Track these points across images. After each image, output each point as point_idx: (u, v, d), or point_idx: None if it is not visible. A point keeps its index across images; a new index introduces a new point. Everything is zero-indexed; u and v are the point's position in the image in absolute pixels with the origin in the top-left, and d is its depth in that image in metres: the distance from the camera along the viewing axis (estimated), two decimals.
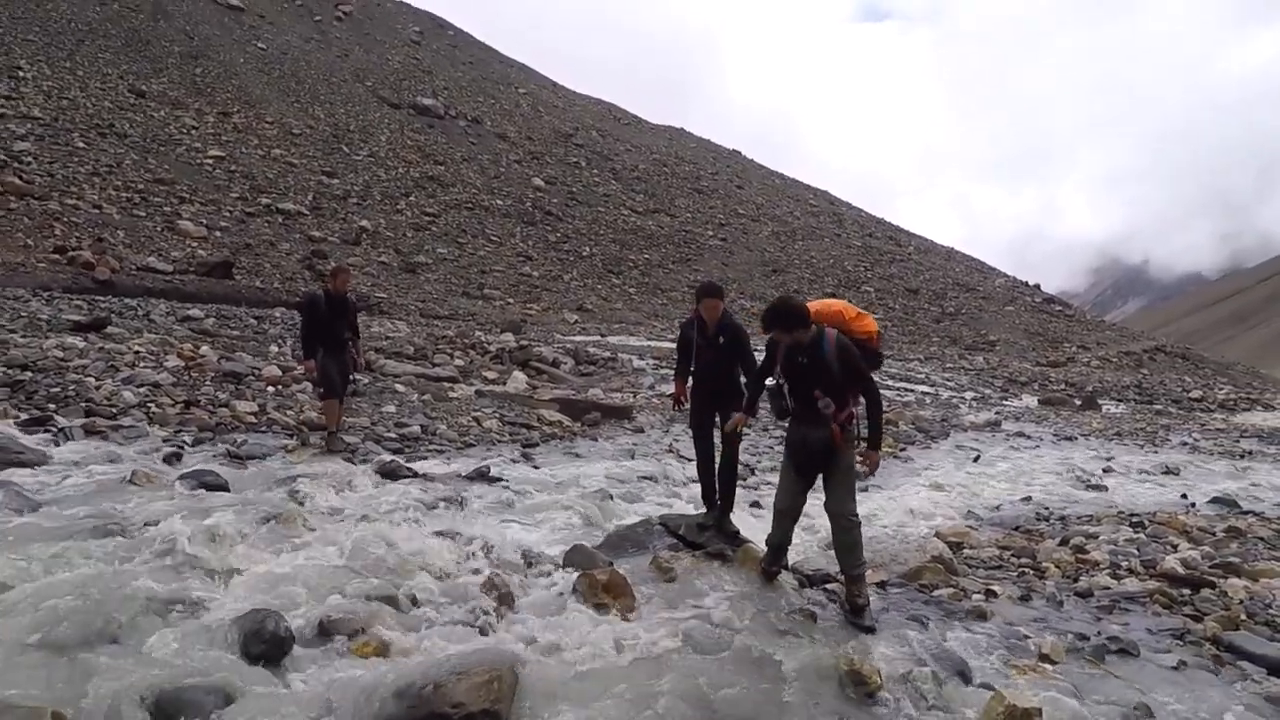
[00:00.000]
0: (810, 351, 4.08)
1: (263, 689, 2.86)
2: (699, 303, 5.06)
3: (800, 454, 4.25)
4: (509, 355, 16.87)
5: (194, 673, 2.87)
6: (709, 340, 5.02)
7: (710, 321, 4.99)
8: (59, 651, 2.95)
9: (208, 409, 8.05)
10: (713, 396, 5.14)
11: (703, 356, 5.05)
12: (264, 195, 33.36)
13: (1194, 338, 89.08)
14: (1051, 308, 51.10)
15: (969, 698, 3.25)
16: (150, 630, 3.15)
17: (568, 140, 54.82)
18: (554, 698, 2.99)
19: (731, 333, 5.02)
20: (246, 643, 3.08)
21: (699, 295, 5.09)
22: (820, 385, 4.06)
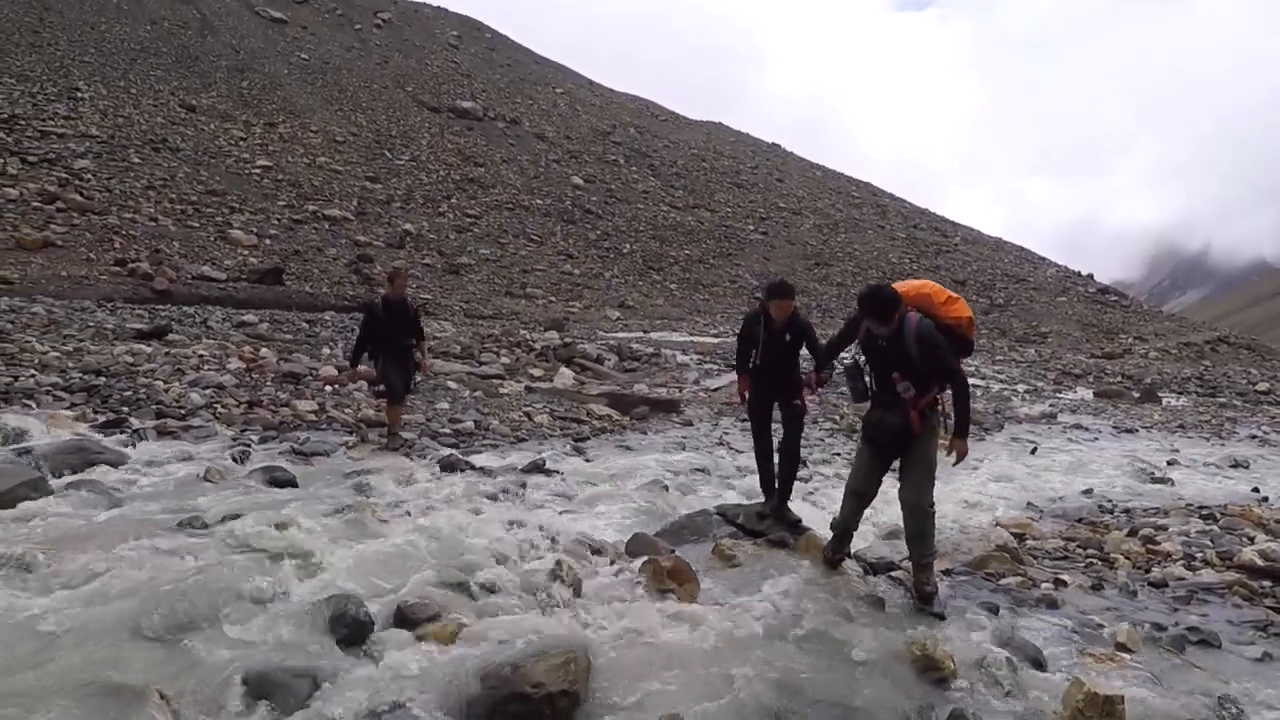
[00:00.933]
0: (893, 334, 4.00)
1: (348, 671, 2.96)
2: (768, 301, 5.05)
3: (876, 436, 4.17)
4: (553, 353, 17.02)
5: (283, 656, 2.98)
6: (774, 336, 5.04)
7: (779, 319, 5.02)
8: (156, 637, 3.08)
9: (270, 409, 8.30)
10: (773, 389, 5.16)
11: (767, 351, 5.07)
12: (310, 202, 34.15)
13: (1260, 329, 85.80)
14: (1106, 298, 49.69)
15: (1046, 685, 3.21)
16: (238, 617, 3.28)
17: (606, 138, 55.00)
18: (627, 679, 3.03)
19: (798, 329, 5.06)
20: (330, 627, 3.18)
21: (768, 294, 5.10)
22: (899, 369, 3.98)
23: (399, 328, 7.14)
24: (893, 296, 3.98)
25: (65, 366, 8.98)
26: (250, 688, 2.73)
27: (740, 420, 11.48)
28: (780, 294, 5.04)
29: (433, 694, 2.78)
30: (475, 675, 2.79)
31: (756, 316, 5.14)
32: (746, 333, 5.22)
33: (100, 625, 3.15)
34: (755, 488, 7.44)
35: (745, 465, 8.39)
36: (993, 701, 3.09)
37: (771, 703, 2.94)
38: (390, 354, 7.14)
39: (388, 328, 7.10)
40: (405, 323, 7.19)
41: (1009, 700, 3.09)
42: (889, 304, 3.95)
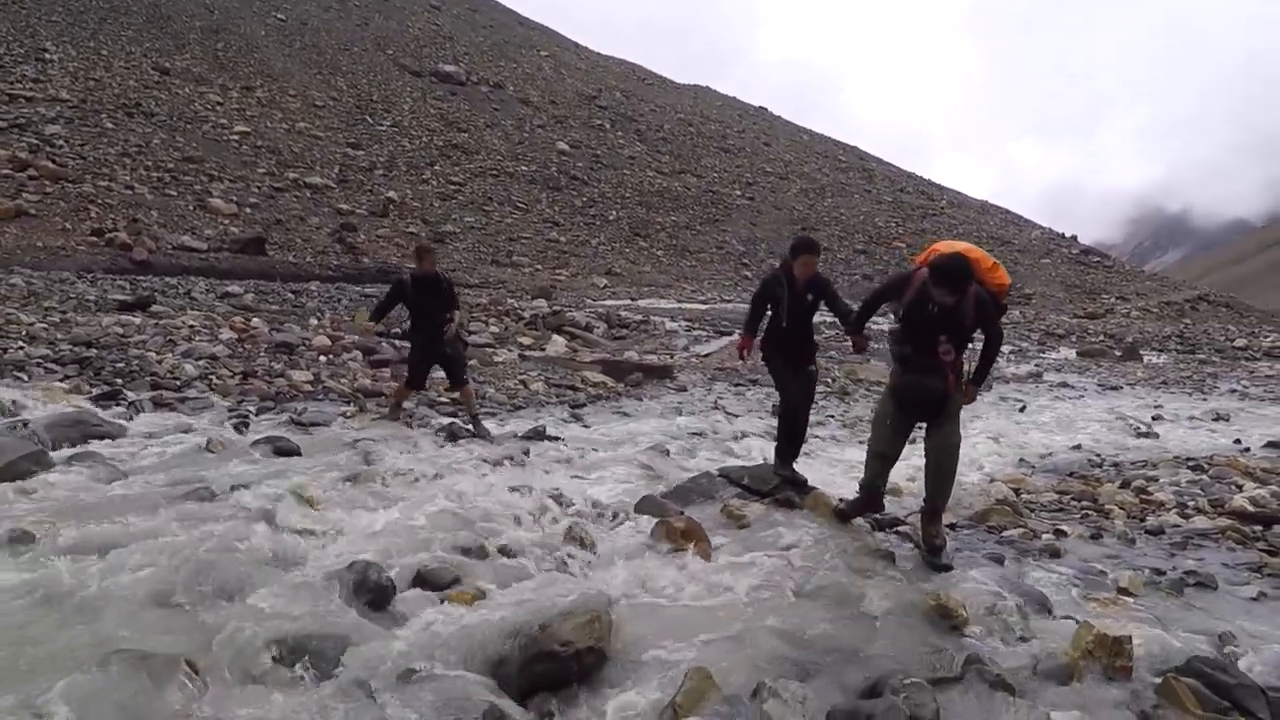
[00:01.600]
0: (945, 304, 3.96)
1: (375, 635, 2.98)
2: (794, 258, 4.96)
3: (913, 400, 4.16)
4: (542, 321, 16.98)
5: (307, 621, 3.00)
6: (797, 296, 4.97)
7: (802, 279, 4.95)
8: (178, 607, 3.09)
9: (265, 379, 8.25)
10: (792, 350, 5.12)
11: (790, 312, 4.99)
12: (291, 170, 33.60)
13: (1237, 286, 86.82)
14: (1089, 259, 50.06)
15: (1055, 629, 3.30)
16: (259, 584, 3.28)
17: (591, 103, 54.30)
18: (650, 636, 3.08)
19: (820, 288, 5.03)
20: (353, 593, 3.20)
21: (795, 250, 4.99)
22: (948, 334, 3.99)
23: (431, 303, 6.86)
24: (970, 269, 3.95)
25: (54, 338, 8.87)
26: (279, 654, 2.74)
27: (734, 385, 11.55)
28: (808, 249, 4.97)
29: (461, 654, 2.82)
30: (503, 635, 2.83)
31: (777, 278, 5.05)
32: (765, 293, 5.12)
33: (120, 596, 3.15)
34: (756, 450, 7.56)
35: (742, 429, 8.47)
36: (1006, 646, 3.18)
37: (791, 654, 3.01)
38: (421, 329, 6.90)
39: (418, 304, 6.86)
40: (438, 297, 6.90)
41: (1021, 645, 3.18)
42: (967, 277, 3.93)
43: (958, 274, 3.90)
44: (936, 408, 4.13)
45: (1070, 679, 2.97)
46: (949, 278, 3.89)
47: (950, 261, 3.94)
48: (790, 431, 5.29)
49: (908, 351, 4.13)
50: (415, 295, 6.85)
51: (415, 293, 6.84)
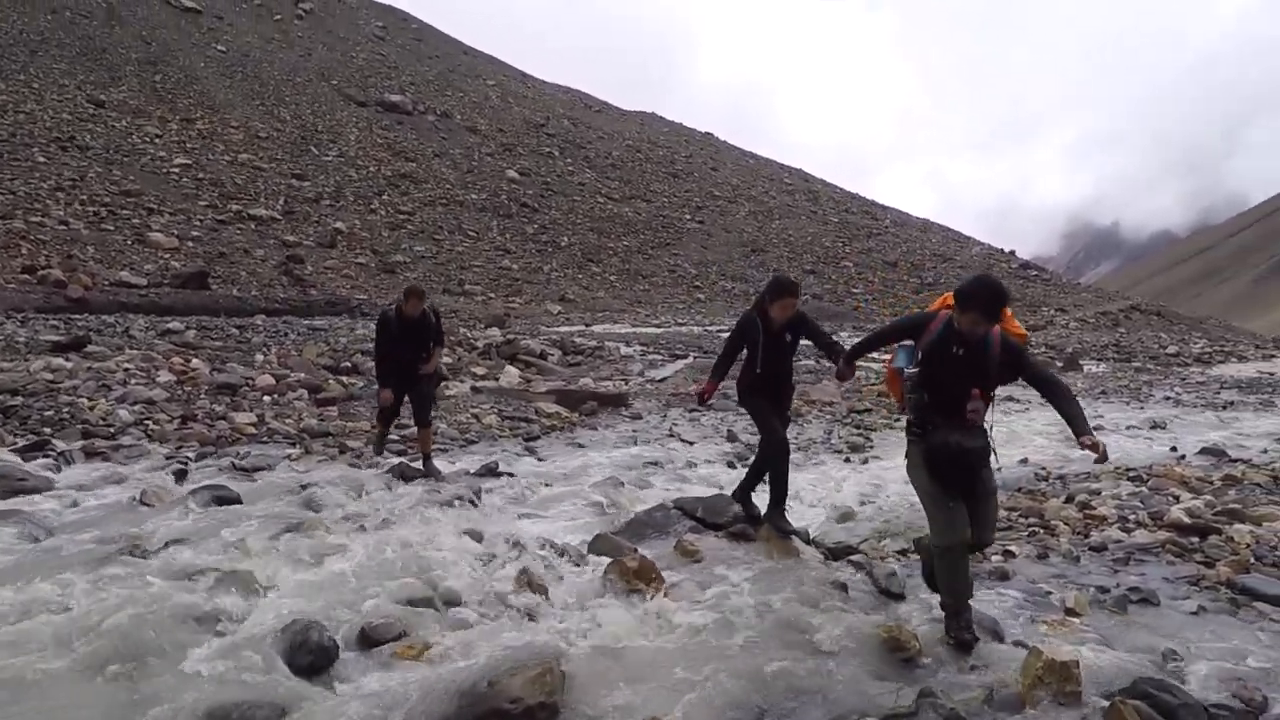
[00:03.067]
0: (972, 343, 3.35)
1: (315, 699, 2.86)
2: (772, 301, 4.56)
3: (948, 465, 3.41)
4: (496, 350, 16.83)
5: (244, 688, 2.87)
6: (774, 339, 4.64)
7: (779, 320, 4.61)
8: (106, 675, 2.93)
9: (205, 423, 7.98)
10: (772, 393, 4.81)
11: (767, 356, 4.66)
12: (234, 202, 32.92)
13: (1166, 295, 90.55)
14: (1028, 273, 51.72)
15: (1005, 655, 3.33)
16: (192, 648, 3.14)
17: (539, 130, 54.50)
18: (604, 685, 3.02)
19: (799, 326, 4.70)
20: (292, 654, 3.08)
21: (773, 293, 4.59)
22: (977, 383, 3.39)
23: (409, 345, 6.63)
24: (1006, 293, 3.34)
25: None
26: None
27: (689, 411, 11.56)
28: (786, 292, 4.57)
29: (406, 717, 2.72)
30: (450, 694, 2.74)
31: (752, 320, 4.67)
32: (739, 337, 4.79)
33: (44, 668, 2.98)
34: (712, 476, 7.56)
35: (698, 456, 8.46)
36: (958, 676, 3.19)
37: (748, 697, 2.97)
38: (401, 372, 6.65)
39: (401, 339, 6.60)
40: (422, 334, 6.67)
41: (973, 674, 3.20)
42: (1002, 300, 3.31)
43: (994, 296, 3.29)
44: (973, 475, 3.45)
45: (1022, 707, 2.99)
46: (982, 301, 3.27)
47: (983, 282, 3.36)
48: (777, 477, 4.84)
49: (924, 401, 3.50)
50: (399, 333, 6.62)
51: (399, 330, 6.62)
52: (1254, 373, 21.83)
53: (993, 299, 3.29)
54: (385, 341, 6.61)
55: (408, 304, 6.62)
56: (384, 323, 6.64)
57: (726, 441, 9.36)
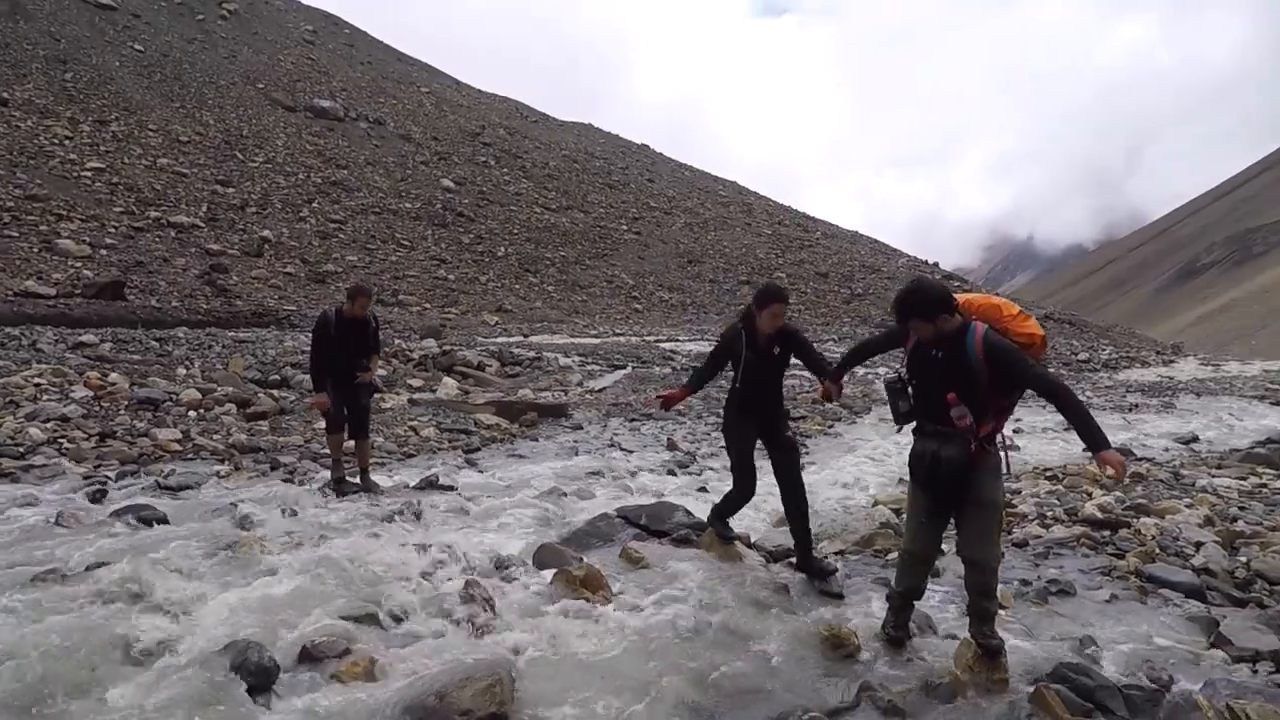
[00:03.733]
0: (950, 345, 3.24)
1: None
2: (760, 308, 4.21)
3: (926, 475, 3.33)
4: (432, 361, 16.58)
5: (181, 715, 2.78)
6: (760, 352, 4.26)
7: (768, 332, 4.24)
8: (30, 712, 2.79)
9: (126, 440, 7.63)
10: (761, 419, 4.41)
11: (751, 371, 4.28)
12: (153, 208, 31.55)
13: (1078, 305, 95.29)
14: (951, 284, 53.69)
15: (939, 647, 3.50)
16: (121, 677, 3.02)
17: (475, 139, 54.00)
18: (554, 693, 3.03)
19: (789, 341, 4.30)
20: (231, 677, 2.99)
21: (761, 299, 4.23)
22: (956, 389, 3.22)
23: (351, 343, 6.37)
24: (942, 292, 3.26)
25: None
26: None
27: (630, 421, 11.62)
28: (775, 298, 4.20)
29: None
30: (398, 709, 2.71)
31: (737, 331, 4.32)
32: (723, 350, 4.43)
33: None
34: (654, 484, 7.62)
35: (639, 465, 8.52)
36: (895, 669, 3.33)
37: (696, 699, 3.04)
38: (338, 377, 6.36)
39: (339, 344, 6.31)
40: (361, 339, 6.43)
41: (910, 666, 3.35)
42: (937, 301, 3.22)
43: (922, 297, 3.24)
44: (958, 486, 3.29)
45: (955, 696, 3.14)
46: (912, 302, 3.24)
47: (914, 284, 3.35)
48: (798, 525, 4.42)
49: (905, 409, 3.43)
50: (338, 334, 6.33)
51: (339, 332, 6.33)
52: (1155, 377, 23.22)
53: (920, 301, 3.23)
54: (325, 344, 6.30)
55: (355, 303, 6.37)
56: (324, 324, 6.32)
57: (667, 450, 9.45)
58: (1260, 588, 4.47)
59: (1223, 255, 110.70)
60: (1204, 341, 55.89)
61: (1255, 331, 62.75)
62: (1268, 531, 5.41)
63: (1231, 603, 4.32)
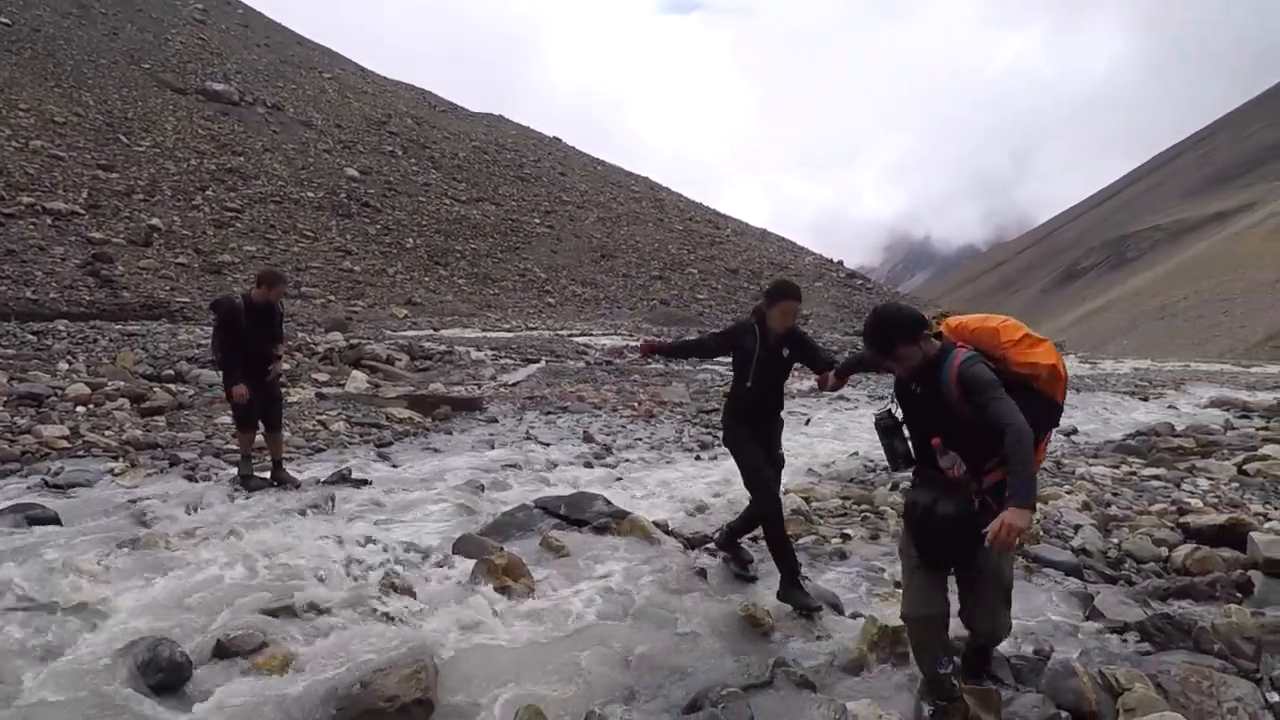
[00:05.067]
0: (926, 378, 2.77)
1: (170, 718, 2.72)
2: (771, 304, 3.96)
3: (921, 530, 2.84)
4: (339, 355, 16.07)
5: (89, 715, 2.67)
6: (770, 352, 3.99)
7: (779, 330, 3.98)
8: None
9: (6, 438, 7.11)
10: (763, 427, 4.13)
11: (760, 372, 4.01)
12: (25, 193, 29.22)
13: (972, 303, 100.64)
14: (854, 282, 55.75)
15: (846, 625, 3.71)
16: (22, 680, 2.87)
17: (381, 128, 52.34)
18: (478, 679, 3.07)
19: (798, 343, 4.04)
20: (141, 674, 2.89)
21: (773, 295, 3.99)
22: (937, 430, 2.73)
23: (261, 332, 6.13)
24: (900, 314, 2.79)
25: None
26: None
27: (545, 414, 11.60)
28: (787, 295, 3.96)
29: None
30: (321, 699, 2.70)
31: (748, 326, 4.06)
32: (728, 338, 4.18)
33: None
34: (571, 476, 7.67)
35: (556, 457, 8.55)
36: (807, 645, 3.52)
37: (618, 679, 3.13)
38: (250, 369, 6.09)
39: (250, 336, 6.05)
40: (270, 326, 6.21)
41: (819, 643, 3.54)
42: (894, 325, 2.76)
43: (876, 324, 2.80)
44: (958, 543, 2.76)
45: (861, 669, 3.35)
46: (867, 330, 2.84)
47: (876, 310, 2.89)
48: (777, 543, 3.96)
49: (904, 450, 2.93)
50: (249, 323, 6.05)
51: (249, 320, 6.05)
52: None
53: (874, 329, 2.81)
54: (234, 333, 6.04)
55: (271, 290, 6.15)
56: (232, 310, 6.05)
57: (584, 442, 9.51)
58: (1129, 566, 4.92)
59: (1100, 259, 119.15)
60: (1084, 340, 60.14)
61: (1127, 332, 67.95)
62: (1136, 515, 5.95)
63: (1105, 580, 4.69)
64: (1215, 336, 58.13)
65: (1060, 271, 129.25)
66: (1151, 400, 17.15)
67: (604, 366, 18.69)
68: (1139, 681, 3.02)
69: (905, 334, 2.74)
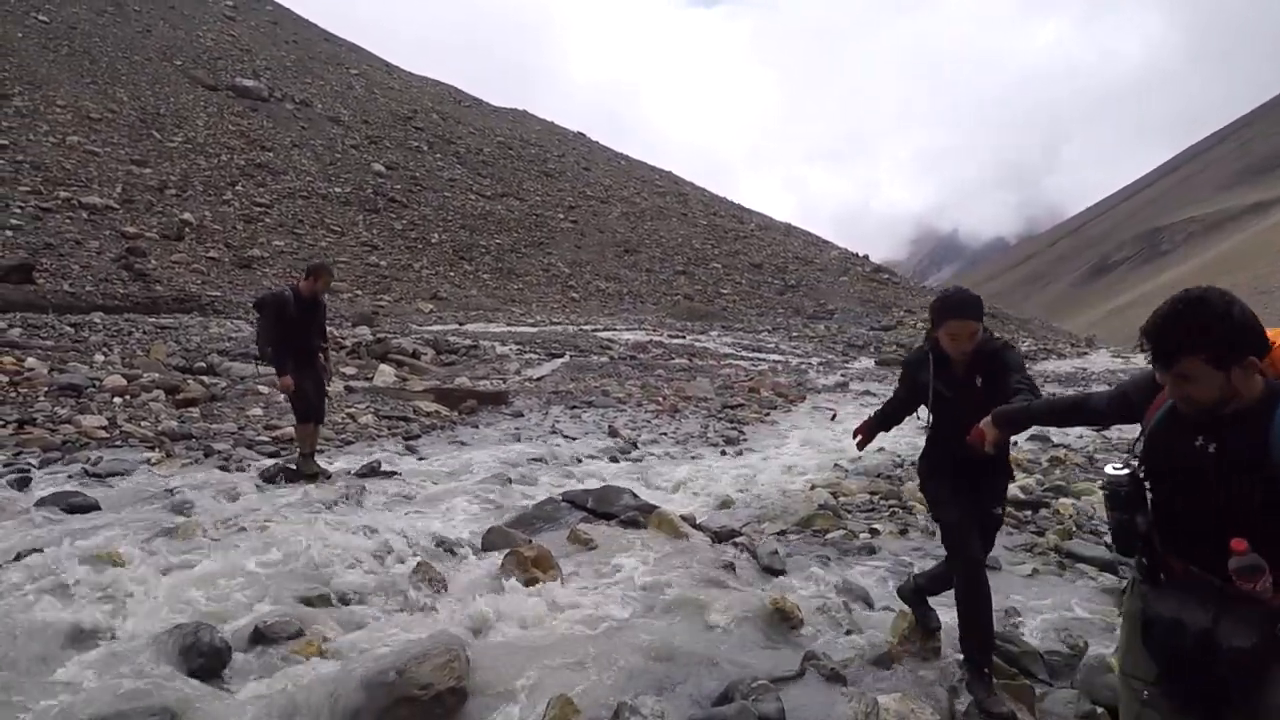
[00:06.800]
0: (1239, 433, 1.79)
1: (208, 701, 2.77)
2: (936, 325, 3.07)
3: (1180, 659, 1.89)
4: (366, 349, 16.28)
5: (130, 695, 2.73)
6: (956, 383, 3.06)
7: (958, 354, 3.03)
8: None
9: (47, 427, 7.30)
10: (967, 472, 3.12)
11: (945, 411, 3.10)
12: (62, 188, 29.83)
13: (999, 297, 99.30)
14: (880, 276, 55.14)
15: (876, 619, 3.69)
16: (65, 661, 2.96)
17: (407, 123, 52.69)
18: (509, 668, 3.09)
19: (994, 365, 2.99)
20: (181, 658, 2.96)
21: (936, 315, 3.08)
22: (1248, 522, 1.75)
23: (311, 327, 6.21)
24: (1245, 320, 1.74)
25: None
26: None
27: (570, 408, 11.65)
28: (955, 311, 3.00)
29: (311, 713, 2.69)
30: (357, 686, 2.73)
31: (921, 358, 3.18)
32: (904, 385, 3.34)
33: None
34: (597, 471, 7.69)
35: (581, 452, 8.58)
36: (837, 639, 3.51)
37: (648, 671, 3.14)
38: (300, 360, 6.14)
39: (298, 328, 6.10)
40: (318, 320, 6.31)
41: (850, 637, 3.53)
42: (1244, 334, 1.74)
43: (1195, 321, 1.74)
44: (1244, 687, 1.80)
45: (892, 664, 3.33)
46: (1173, 328, 1.77)
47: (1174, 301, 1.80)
48: (970, 619, 3.10)
49: (1144, 527, 1.94)
50: (296, 317, 6.10)
51: (296, 310, 6.10)
52: (1071, 368, 24.47)
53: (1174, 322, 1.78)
54: (285, 324, 6.06)
55: (318, 282, 6.19)
56: (283, 303, 6.06)
57: (609, 437, 9.54)
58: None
59: (1132, 253, 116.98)
60: (1115, 335, 59.05)
61: None
62: None
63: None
64: None
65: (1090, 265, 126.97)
66: None
67: (628, 361, 18.72)
68: None
69: (1256, 346, 1.75)
